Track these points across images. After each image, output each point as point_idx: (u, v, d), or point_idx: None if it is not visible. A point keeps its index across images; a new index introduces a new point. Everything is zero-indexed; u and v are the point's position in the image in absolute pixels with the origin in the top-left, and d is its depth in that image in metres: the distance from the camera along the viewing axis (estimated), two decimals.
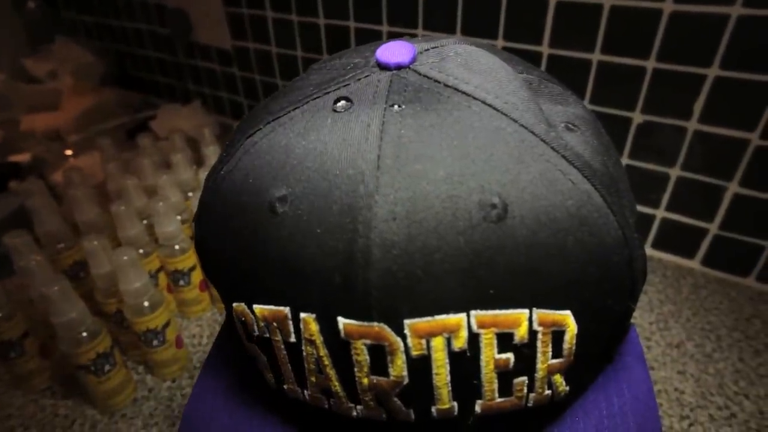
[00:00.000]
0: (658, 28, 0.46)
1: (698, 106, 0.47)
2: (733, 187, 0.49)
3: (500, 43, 0.56)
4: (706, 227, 0.52)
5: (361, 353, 0.16)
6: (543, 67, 0.55)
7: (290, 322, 0.17)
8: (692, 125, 0.48)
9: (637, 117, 0.51)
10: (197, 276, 0.51)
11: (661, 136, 0.51)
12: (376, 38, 0.66)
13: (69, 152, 0.76)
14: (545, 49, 0.53)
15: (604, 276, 0.17)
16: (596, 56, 0.51)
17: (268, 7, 0.74)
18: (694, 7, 0.44)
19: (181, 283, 0.50)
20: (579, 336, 0.17)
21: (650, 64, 0.48)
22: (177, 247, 0.49)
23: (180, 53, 0.93)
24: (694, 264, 0.55)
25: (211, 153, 0.60)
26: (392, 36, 0.65)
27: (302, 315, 0.17)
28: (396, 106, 0.17)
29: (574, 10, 0.50)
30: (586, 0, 0.49)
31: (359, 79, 0.19)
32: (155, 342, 0.44)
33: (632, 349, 0.23)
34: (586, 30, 0.50)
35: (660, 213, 0.54)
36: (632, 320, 0.34)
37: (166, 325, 0.44)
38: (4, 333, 0.42)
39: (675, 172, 0.52)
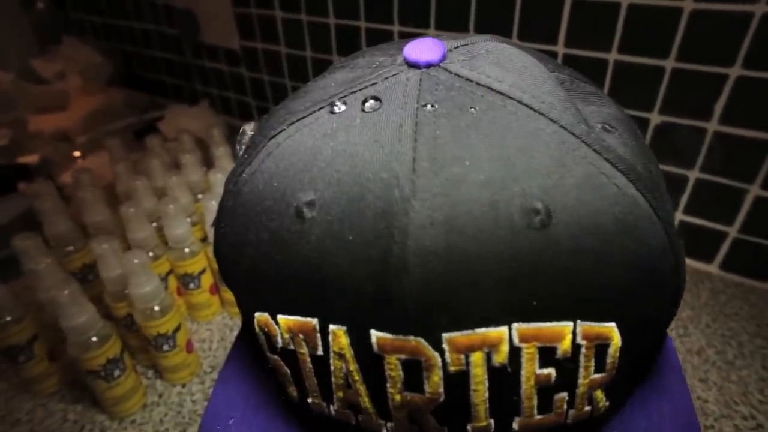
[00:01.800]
0: (678, 27, 0.45)
1: (719, 107, 0.46)
2: (754, 190, 0.48)
3: (514, 42, 0.55)
4: (726, 231, 0.51)
5: (395, 368, 0.15)
6: None
7: (318, 335, 0.17)
8: (712, 126, 0.47)
9: (655, 118, 0.50)
10: (207, 279, 0.50)
11: (679, 137, 0.50)
12: (387, 38, 0.65)
13: (77, 153, 0.76)
14: (561, 49, 0.52)
15: (649, 285, 0.16)
16: (613, 56, 0.50)
17: (276, 6, 0.73)
18: (716, 5, 0.43)
19: (191, 286, 0.50)
20: (622, 349, 0.16)
21: (669, 64, 0.47)
22: (187, 249, 0.48)
23: (188, 53, 0.92)
24: (713, 268, 0.54)
25: (221, 154, 0.60)
26: (404, 36, 0.64)
27: (331, 327, 0.16)
28: (429, 106, 0.16)
29: (591, 9, 0.49)
30: None
31: (386, 78, 0.18)
32: (165, 346, 0.43)
33: (669, 359, 0.22)
34: (603, 29, 0.49)
35: (678, 216, 0.53)
36: None
37: (177, 329, 0.43)
38: (13, 336, 0.41)
39: (694, 174, 0.50)
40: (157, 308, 0.41)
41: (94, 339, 0.39)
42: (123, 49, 1.04)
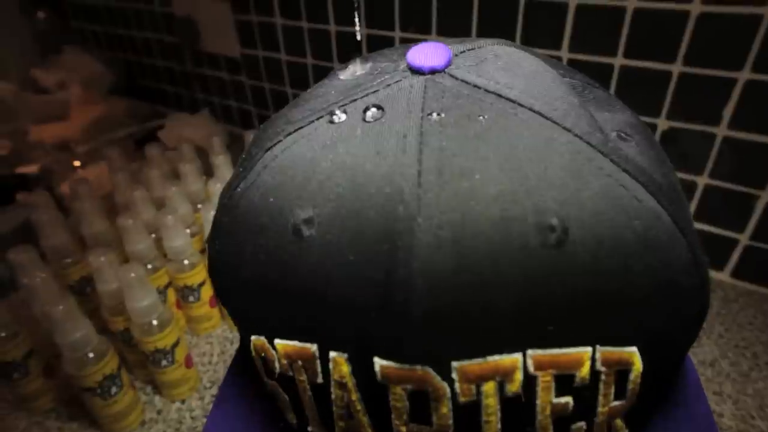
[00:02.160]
0: (685, 31, 0.44)
1: (728, 112, 0.45)
2: (765, 196, 0.46)
3: (522, 46, 0.54)
4: (737, 238, 0.50)
5: (401, 399, 0.14)
6: None
7: (318, 361, 0.16)
8: (721, 131, 0.46)
9: (662, 123, 0.49)
10: (207, 292, 0.49)
11: (687, 142, 0.49)
12: (389, 44, 0.64)
13: (77, 163, 0.75)
14: (565, 54, 0.51)
15: (673, 305, 0.15)
16: (619, 60, 0.49)
17: (277, 14, 0.73)
18: (724, 8, 0.42)
19: (191, 299, 0.49)
20: (644, 374, 0.15)
21: (676, 68, 0.46)
22: (186, 261, 0.47)
23: (188, 62, 0.92)
24: (724, 276, 0.52)
25: (221, 163, 0.59)
26: (405, 42, 0.63)
27: (332, 354, 0.15)
28: (434, 115, 0.15)
29: (595, 13, 0.48)
30: (608, 2, 0.47)
31: (389, 85, 0.17)
32: (164, 362, 0.42)
33: (690, 380, 0.21)
34: (608, 33, 0.48)
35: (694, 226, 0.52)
36: None
37: (176, 344, 0.42)
38: (8, 353, 0.40)
39: (703, 180, 0.49)
40: (155, 323, 0.40)
41: (91, 355, 0.38)
42: (124, 58, 1.04)
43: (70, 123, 0.85)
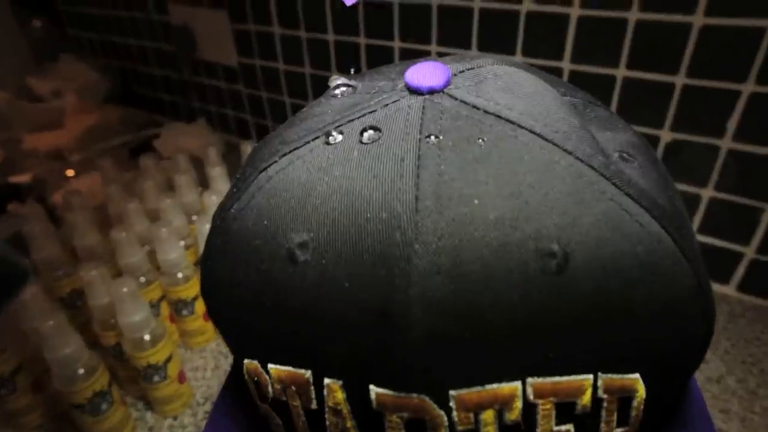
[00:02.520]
0: (688, 42, 0.44)
1: (732, 124, 0.45)
2: None
3: (518, 59, 0.54)
4: (742, 251, 0.49)
5: (397, 427, 0.14)
6: None
7: (312, 388, 0.15)
8: (725, 143, 0.46)
9: (666, 135, 0.49)
10: (201, 305, 0.48)
11: (691, 155, 0.48)
12: (388, 54, 0.64)
13: (71, 172, 0.74)
14: (567, 65, 0.51)
15: (678, 332, 0.15)
16: (621, 72, 0.48)
17: (275, 23, 0.72)
18: (727, 20, 0.42)
19: (185, 312, 0.48)
20: (647, 400, 0.15)
21: (679, 80, 0.46)
22: (180, 275, 0.46)
23: (185, 70, 0.91)
24: (729, 290, 0.52)
25: (217, 174, 0.58)
26: (404, 52, 0.63)
27: (326, 381, 0.15)
28: (432, 137, 0.15)
29: (598, 24, 0.48)
30: (610, 14, 0.46)
31: (386, 105, 0.17)
32: (156, 378, 0.41)
33: (694, 399, 0.21)
34: (611, 45, 0.48)
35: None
36: None
37: (168, 359, 0.41)
38: None
39: (707, 193, 0.49)
40: (147, 338, 0.39)
41: (80, 371, 0.37)
42: (120, 67, 1.04)
43: (64, 132, 0.84)
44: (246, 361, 0.17)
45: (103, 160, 0.63)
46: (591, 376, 0.14)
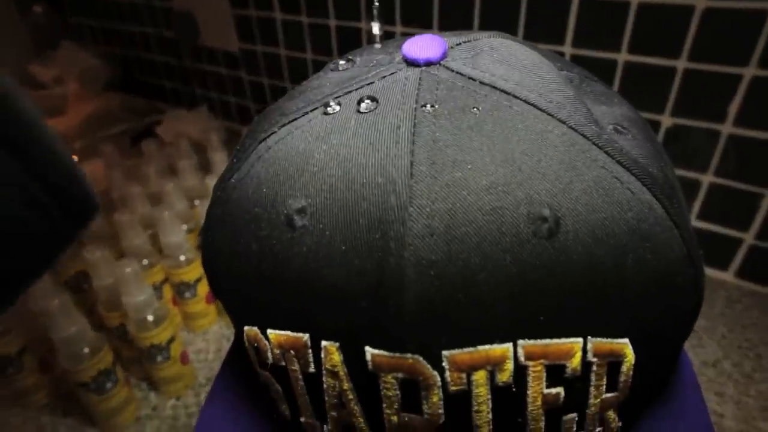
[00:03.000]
0: (690, 26, 0.44)
1: (733, 108, 0.45)
2: None
3: (520, 39, 0.54)
4: (741, 237, 0.49)
5: (391, 388, 0.14)
6: None
7: (309, 351, 0.16)
8: (726, 128, 0.46)
9: (667, 120, 0.48)
10: (203, 288, 0.49)
11: (692, 140, 0.48)
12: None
13: (74, 158, 0.74)
14: (568, 49, 0.51)
15: (666, 298, 0.15)
16: (623, 56, 0.48)
17: (276, 8, 0.72)
18: (730, 3, 0.41)
19: (187, 295, 0.48)
20: (636, 366, 0.15)
21: (681, 64, 0.46)
22: (182, 257, 0.46)
23: (186, 57, 0.91)
24: (728, 276, 0.52)
25: (218, 159, 0.58)
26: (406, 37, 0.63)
27: (323, 343, 0.15)
28: (428, 106, 0.15)
29: (599, 8, 0.47)
30: None
31: (384, 77, 0.17)
32: (159, 358, 0.41)
33: (685, 374, 0.21)
34: (612, 28, 0.47)
35: (691, 222, 0.52)
36: None
37: (171, 340, 0.41)
38: (2, 348, 0.40)
39: (707, 179, 0.49)
40: (150, 318, 0.40)
41: (86, 350, 0.37)
42: (122, 53, 1.03)
43: (66, 118, 0.84)
44: (246, 327, 0.17)
45: (105, 146, 0.63)
46: (581, 340, 0.14)
